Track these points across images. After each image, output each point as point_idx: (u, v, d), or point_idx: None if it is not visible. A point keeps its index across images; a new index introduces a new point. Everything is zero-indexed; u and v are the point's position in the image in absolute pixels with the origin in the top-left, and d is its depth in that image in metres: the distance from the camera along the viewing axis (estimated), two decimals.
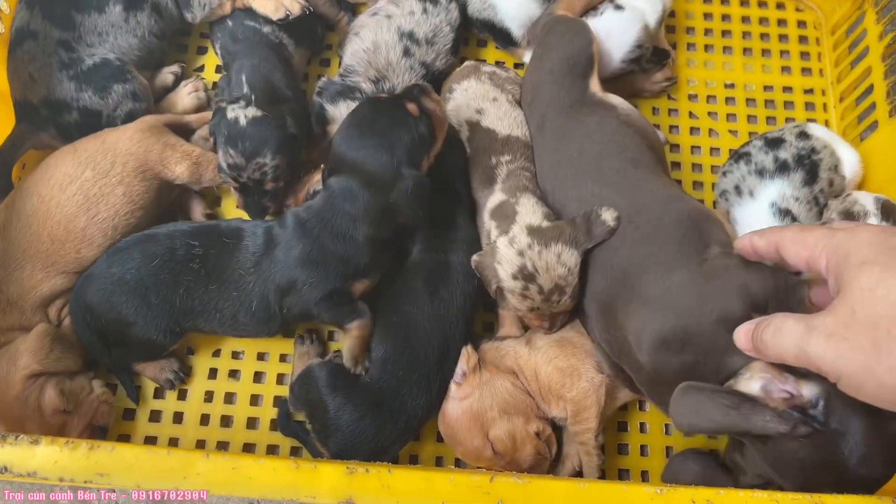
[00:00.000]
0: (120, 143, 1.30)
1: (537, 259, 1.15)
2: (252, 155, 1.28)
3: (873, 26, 1.55)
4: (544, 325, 1.24)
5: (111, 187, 1.27)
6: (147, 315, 1.21)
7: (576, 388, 1.20)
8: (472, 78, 1.45)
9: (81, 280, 1.25)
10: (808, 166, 1.38)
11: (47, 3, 1.35)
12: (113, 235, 1.27)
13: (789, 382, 0.90)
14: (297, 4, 1.42)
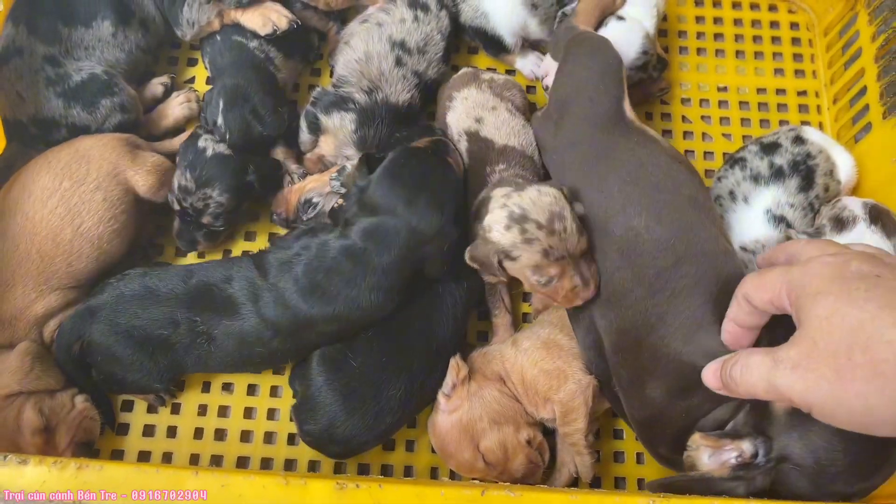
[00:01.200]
0: (93, 149, 1.30)
1: (519, 200, 1.14)
2: (203, 184, 1.31)
3: (866, 27, 1.54)
4: (577, 282, 1.14)
5: (90, 194, 1.26)
6: (151, 369, 1.22)
7: (563, 389, 1.20)
8: (472, 86, 1.45)
9: (81, 313, 1.23)
10: (803, 172, 1.38)
11: (33, 18, 1.35)
12: (100, 245, 1.27)
13: (728, 448, 0.97)
14: (284, 19, 1.42)
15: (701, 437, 1.00)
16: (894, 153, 1.39)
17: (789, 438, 0.94)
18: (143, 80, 1.51)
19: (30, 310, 1.24)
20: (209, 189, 1.32)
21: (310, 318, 1.20)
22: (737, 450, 0.96)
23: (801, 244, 0.95)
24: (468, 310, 1.34)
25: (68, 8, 1.36)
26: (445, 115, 1.45)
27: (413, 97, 1.46)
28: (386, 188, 1.18)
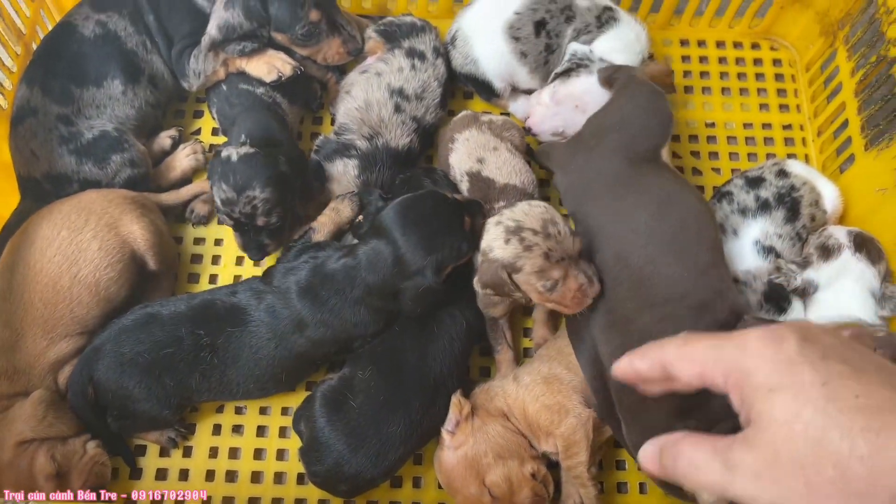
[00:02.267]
0: (96, 202, 1.35)
1: (512, 214, 1.20)
2: (242, 188, 1.32)
3: (845, 63, 1.60)
4: (581, 281, 1.18)
5: (87, 243, 1.30)
6: (160, 394, 1.27)
7: (564, 424, 1.23)
8: (472, 128, 1.50)
9: (87, 354, 1.28)
10: (789, 204, 1.43)
11: (47, 79, 1.41)
12: (98, 291, 1.30)
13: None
14: (288, 66, 1.48)
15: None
16: (877, 183, 1.43)
17: None
18: (152, 134, 1.57)
19: (42, 357, 1.28)
20: (249, 190, 1.31)
21: (301, 319, 1.27)
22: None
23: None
24: (467, 347, 1.37)
25: (80, 70, 1.43)
26: (448, 156, 1.50)
27: (412, 141, 1.52)
28: (393, 216, 1.25)
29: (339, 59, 1.57)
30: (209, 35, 1.43)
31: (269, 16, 1.44)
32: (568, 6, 1.57)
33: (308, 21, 1.45)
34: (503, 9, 1.57)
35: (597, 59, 1.52)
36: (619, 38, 1.56)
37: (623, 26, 1.57)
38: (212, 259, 1.53)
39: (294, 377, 1.37)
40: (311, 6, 1.45)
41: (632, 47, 1.56)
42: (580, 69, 1.52)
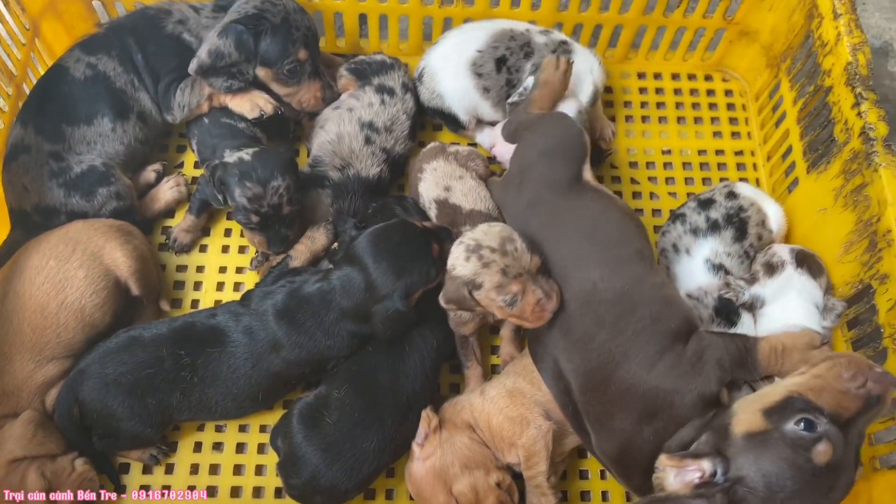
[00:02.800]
0: (81, 232, 1.42)
1: (472, 234, 1.28)
2: (267, 180, 1.43)
3: (788, 93, 1.71)
4: (539, 296, 1.25)
5: (73, 271, 1.37)
6: (142, 413, 1.33)
7: (525, 435, 1.30)
8: (439, 158, 1.60)
9: (73, 376, 1.35)
10: (737, 223, 1.52)
11: (40, 119, 1.50)
12: (84, 317, 1.37)
13: (690, 466, 1.09)
14: (270, 105, 1.58)
15: (666, 458, 1.10)
16: (818, 203, 1.53)
17: (745, 460, 1.05)
18: (139, 168, 1.66)
19: (31, 380, 1.35)
20: (274, 180, 1.43)
21: (277, 340, 1.35)
22: (698, 469, 1.07)
23: None
24: (438, 365, 1.45)
25: (71, 109, 1.52)
26: (417, 185, 1.59)
27: (382, 171, 1.61)
28: (365, 244, 1.34)
29: (315, 104, 1.66)
30: (198, 58, 1.51)
31: (258, 51, 1.53)
32: (527, 43, 1.68)
33: (296, 58, 1.55)
34: (467, 47, 1.68)
35: None
36: (574, 71, 1.66)
37: (577, 58, 1.67)
38: (194, 285, 1.61)
39: (270, 396, 1.44)
40: (301, 45, 1.55)
41: (583, 77, 1.66)
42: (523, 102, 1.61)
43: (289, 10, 1.54)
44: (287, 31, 1.53)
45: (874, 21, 2.17)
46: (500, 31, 1.69)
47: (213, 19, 1.58)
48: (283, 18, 1.52)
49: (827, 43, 1.54)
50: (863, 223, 1.38)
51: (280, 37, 1.52)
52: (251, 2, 1.53)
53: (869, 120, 1.40)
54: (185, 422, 1.45)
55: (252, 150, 1.46)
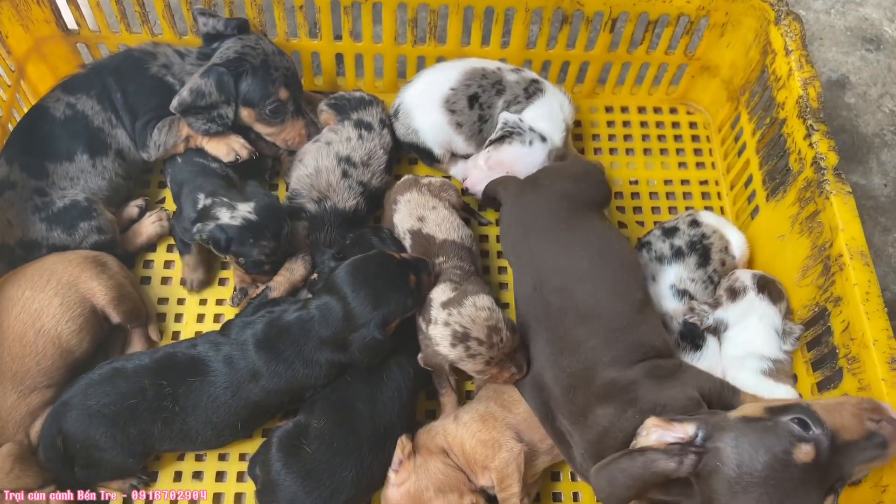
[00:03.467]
0: (57, 263, 1.46)
1: (460, 319, 1.32)
2: (277, 232, 1.52)
3: (747, 124, 1.79)
4: (512, 371, 1.35)
5: (48, 300, 1.41)
6: (124, 443, 1.36)
7: (497, 457, 1.34)
8: (413, 190, 1.66)
9: (56, 408, 1.37)
10: (700, 250, 1.58)
11: (24, 157, 1.55)
12: (61, 343, 1.40)
13: (676, 429, 1.11)
14: (245, 150, 1.64)
15: (654, 419, 1.13)
16: (777, 230, 1.60)
17: (727, 436, 1.07)
18: (125, 202, 1.70)
19: (14, 411, 1.37)
20: (283, 230, 1.53)
21: (257, 370, 1.38)
22: (682, 431, 1.10)
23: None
24: (414, 393, 1.49)
25: (52, 147, 1.56)
26: (392, 216, 1.64)
27: (359, 203, 1.66)
28: (344, 274, 1.39)
29: (299, 142, 1.72)
30: (179, 96, 1.56)
31: (239, 92, 1.59)
32: (498, 81, 1.75)
33: (277, 97, 1.61)
34: (440, 85, 1.75)
35: (527, 129, 1.68)
36: (545, 107, 1.74)
37: (548, 96, 1.75)
38: (175, 317, 1.64)
39: (249, 425, 1.47)
40: (281, 84, 1.61)
41: (555, 115, 1.73)
42: (512, 136, 1.68)
43: (268, 52, 1.61)
44: (266, 71, 1.59)
45: (831, 55, 2.27)
46: (472, 69, 1.76)
47: (196, 66, 1.63)
48: (262, 60, 1.59)
49: (780, 77, 1.62)
50: (817, 248, 1.45)
51: (260, 77, 1.58)
52: (232, 47, 1.59)
53: (820, 150, 1.47)
54: (165, 452, 1.47)
55: (249, 205, 1.50)
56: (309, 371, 1.40)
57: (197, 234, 1.49)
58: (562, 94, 1.78)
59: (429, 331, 1.37)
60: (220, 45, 1.61)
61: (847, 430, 1.06)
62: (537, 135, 1.68)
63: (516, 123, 1.69)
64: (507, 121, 1.69)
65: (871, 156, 2.09)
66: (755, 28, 1.71)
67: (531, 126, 1.69)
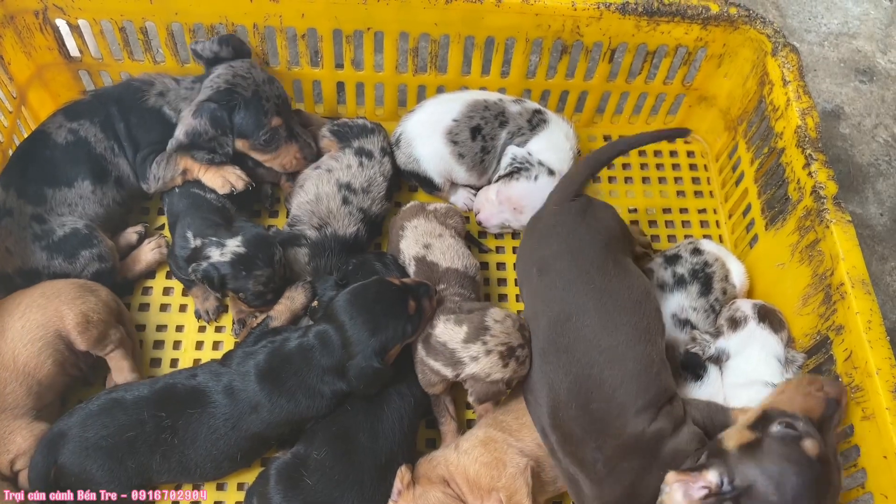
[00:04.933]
0: (40, 288, 1.45)
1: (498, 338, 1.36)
2: (270, 260, 1.51)
3: (745, 153, 1.80)
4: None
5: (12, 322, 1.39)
6: (122, 477, 1.34)
7: (504, 475, 1.33)
8: (420, 216, 1.66)
9: (51, 438, 1.34)
10: (702, 279, 1.58)
11: (22, 182, 1.54)
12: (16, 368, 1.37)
13: (700, 479, 1.13)
14: (241, 181, 1.64)
15: (673, 474, 1.14)
16: (777, 259, 1.60)
17: (747, 468, 1.12)
18: (119, 229, 1.69)
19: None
20: (275, 255, 1.52)
21: (258, 401, 1.37)
22: (704, 482, 1.11)
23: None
24: (415, 423, 1.48)
25: (52, 173, 1.56)
26: (399, 242, 1.64)
27: (359, 230, 1.67)
28: (342, 301, 1.39)
29: (296, 165, 1.72)
30: (177, 139, 1.57)
31: (233, 124, 1.59)
32: (501, 112, 1.76)
33: (269, 127, 1.61)
34: (442, 117, 1.76)
35: (535, 163, 1.69)
36: (550, 139, 1.76)
37: (553, 126, 1.77)
38: (173, 344, 1.63)
39: (248, 456, 1.44)
40: (273, 114, 1.61)
41: (561, 146, 1.76)
42: (521, 172, 1.69)
43: (258, 81, 1.61)
44: (258, 103, 1.59)
45: (825, 86, 2.30)
46: (475, 101, 1.77)
47: (191, 90, 1.64)
48: (253, 91, 1.59)
49: (778, 108, 1.64)
50: (818, 277, 1.45)
51: (252, 109, 1.59)
52: (222, 76, 1.59)
53: (819, 179, 1.48)
54: (163, 484, 1.44)
55: (237, 239, 1.50)
56: (311, 402, 1.39)
57: (193, 275, 1.49)
58: (566, 123, 1.80)
59: (473, 371, 1.37)
60: (212, 72, 1.61)
61: (812, 411, 1.19)
62: (545, 169, 1.69)
63: (525, 158, 1.70)
64: (516, 156, 1.71)
65: (866, 185, 2.11)
66: (752, 59, 1.74)
67: (540, 160, 1.70)
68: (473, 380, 1.38)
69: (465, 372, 1.38)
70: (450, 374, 1.40)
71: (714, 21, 1.71)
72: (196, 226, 1.56)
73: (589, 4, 1.67)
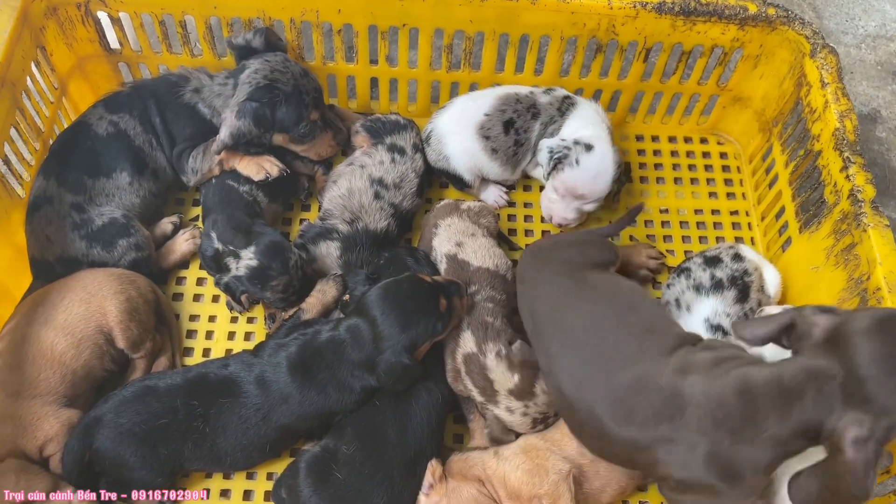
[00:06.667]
0: (81, 279, 1.47)
1: (537, 408, 1.40)
2: (285, 265, 1.52)
3: (780, 156, 1.79)
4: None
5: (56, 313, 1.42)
6: (154, 463, 1.36)
7: (546, 482, 1.32)
8: (454, 215, 1.66)
9: (88, 423, 1.37)
10: (740, 286, 1.54)
11: (63, 171, 1.57)
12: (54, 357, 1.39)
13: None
14: (275, 168, 1.66)
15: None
16: (811, 262, 1.59)
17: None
18: (154, 219, 1.72)
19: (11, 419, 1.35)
20: (290, 259, 1.52)
21: (289, 393, 1.38)
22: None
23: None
24: (443, 418, 1.48)
25: (92, 162, 1.59)
26: (431, 239, 1.65)
27: (390, 225, 1.68)
28: (374, 296, 1.40)
29: (331, 151, 1.75)
30: (221, 141, 1.59)
31: (275, 121, 1.61)
32: (532, 104, 1.76)
33: (309, 120, 1.64)
34: (474, 112, 1.76)
35: (571, 145, 1.68)
36: (581, 117, 1.76)
37: (581, 106, 1.77)
38: (205, 334, 1.65)
39: (278, 447, 1.46)
40: (312, 108, 1.64)
41: (592, 119, 1.75)
42: (562, 161, 1.68)
43: (296, 75, 1.62)
44: (299, 98, 1.61)
45: (861, 89, 2.27)
46: (506, 94, 1.77)
47: (224, 86, 1.66)
48: (293, 86, 1.60)
49: (816, 110, 1.62)
50: (854, 281, 1.43)
51: (293, 105, 1.61)
52: (259, 71, 1.60)
53: (857, 182, 1.47)
54: (194, 471, 1.47)
55: (250, 250, 1.51)
56: (340, 396, 1.40)
57: (217, 286, 1.56)
58: (594, 102, 1.81)
59: (502, 417, 1.41)
60: (247, 67, 1.62)
61: None
62: (581, 147, 1.68)
63: (559, 146, 1.69)
64: (552, 148, 1.70)
65: None
66: (790, 60, 1.72)
67: (575, 139, 1.69)
68: (497, 422, 1.43)
69: (494, 411, 1.41)
70: (478, 398, 1.43)
71: (752, 21, 1.70)
72: (220, 226, 1.56)
73: (625, 3, 1.67)
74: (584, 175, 1.67)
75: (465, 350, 1.44)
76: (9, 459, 1.31)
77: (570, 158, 1.67)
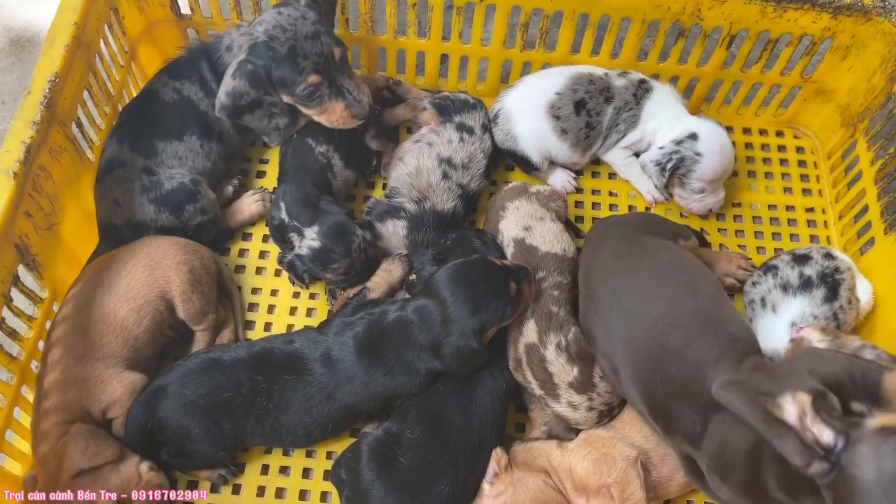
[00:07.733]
0: (144, 245, 1.46)
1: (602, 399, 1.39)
2: (349, 246, 1.48)
3: (865, 153, 1.72)
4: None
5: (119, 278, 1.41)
6: (216, 436, 1.35)
7: (615, 470, 1.29)
8: (522, 198, 1.62)
9: (152, 392, 1.36)
10: (830, 284, 1.48)
11: (135, 136, 1.55)
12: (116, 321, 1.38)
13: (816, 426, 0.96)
14: (354, 119, 1.58)
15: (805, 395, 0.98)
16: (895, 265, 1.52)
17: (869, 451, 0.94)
18: (220, 181, 1.72)
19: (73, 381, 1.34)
20: (353, 242, 1.49)
21: (354, 373, 1.36)
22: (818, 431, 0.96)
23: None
24: (507, 406, 1.45)
25: (163, 127, 1.57)
26: (499, 222, 1.61)
27: (457, 206, 1.64)
28: (444, 278, 1.36)
29: (345, 122, 1.60)
30: (219, 101, 1.52)
31: (273, 81, 1.52)
32: (606, 87, 1.71)
33: (307, 83, 1.52)
34: (544, 90, 1.72)
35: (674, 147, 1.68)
36: (658, 102, 1.73)
37: (657, 90, 1.73)
38: (268, 308, 1.63)
39: (339, 427, 1.44)
40: (311, 71, 1.51)
41: (670, 101, 1.72)
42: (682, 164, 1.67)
43: (299, 36, 1.50)
44: (293, 60, 1.49)
45: None
46: (579, 74, 1.72)
47: (244, 36, 1.56)
48: (290, 48, 1.49)
49: None
50: None
51: (287, 67, 1.49)
52: (263, 23, 1.50)
53: None
54: (255, 445, 1.45)
55: (314, 229, 1.49)
56: (406, 378, 1.37)
57: (281, 265, 1.56)
58: (668, 84, 1.78)
59: (564, 413, 1.39)
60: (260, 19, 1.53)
61: None
62: (687, 141, 1.67)
63: (665, 155, 1.68)
64: (657, 160, 1.69)
65: None
66: (883, 53, 1.64)
67: (673, 140, 1.68)
68: (559, 421, 1.39)
69: (556, 408, 1.39)
70: (538, 391, 1.40)
71: (846, 11, 1.62)
72: (289, 197, 1.53)
73: None
74: (712, 159, 1.65)
75: (527, 340, 1.41)
76: (78, 424, 1.31)
77: (687, 158, 1.65)
